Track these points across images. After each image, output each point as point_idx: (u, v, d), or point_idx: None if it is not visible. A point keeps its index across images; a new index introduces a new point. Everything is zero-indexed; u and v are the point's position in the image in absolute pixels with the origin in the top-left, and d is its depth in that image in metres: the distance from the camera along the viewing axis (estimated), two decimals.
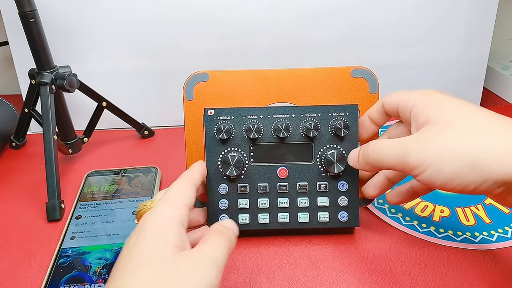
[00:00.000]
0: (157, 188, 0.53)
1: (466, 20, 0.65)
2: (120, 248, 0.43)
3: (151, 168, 0.56)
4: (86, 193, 0.52)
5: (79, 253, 0.43)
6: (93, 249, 0.44)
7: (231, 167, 0.43)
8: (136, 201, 0.50)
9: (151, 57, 0.64)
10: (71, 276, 0.41)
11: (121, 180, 0.54)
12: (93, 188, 0.53)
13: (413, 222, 0.47)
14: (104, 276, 0.41)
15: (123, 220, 0.48)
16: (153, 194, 0.51)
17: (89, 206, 0.50)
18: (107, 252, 0.43)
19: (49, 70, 0.54)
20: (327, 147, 0.44)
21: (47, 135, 0.52)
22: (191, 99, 0.47)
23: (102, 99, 0.60)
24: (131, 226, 0.46)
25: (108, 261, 0.42)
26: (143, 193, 0.51)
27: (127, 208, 0.49)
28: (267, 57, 0.65)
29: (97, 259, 0.43)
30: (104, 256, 0.43)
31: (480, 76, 0.69)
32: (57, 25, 0.61)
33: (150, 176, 0.54)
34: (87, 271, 0.41)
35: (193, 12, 0.62)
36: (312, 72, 0.47)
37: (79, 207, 0.50)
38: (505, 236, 0.45)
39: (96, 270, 0.41)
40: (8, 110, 0.64)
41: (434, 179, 0.33)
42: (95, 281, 0.40)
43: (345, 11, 0.63)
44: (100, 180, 0.54)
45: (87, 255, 0.43)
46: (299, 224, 0.44)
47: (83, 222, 0.47)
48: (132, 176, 0.54)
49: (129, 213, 0.48)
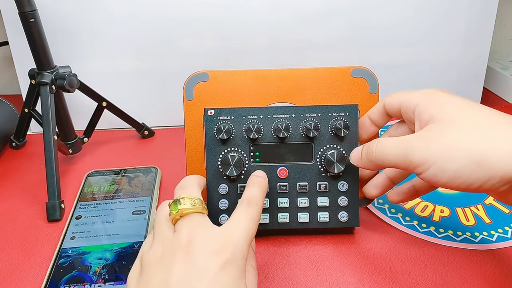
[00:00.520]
0: (157, 188, 0.53)
1: (466, 20, 0.65)
2: (120, 248, 0.43)
3: (151, 168, 0.56)
4: (86, 193, 0.52)
5: (79, 253, 0.43)
6: (93, 249, 0.44)
7: (231, 167, 0.43)
8: (136, 201, 0.50)
9: (151, 57, 0.64)
10: (71, 276, 0.41)
11: (121, 180, 0.54)
12: (93, 188, 0.52)
13: (413, 222, 0.47)
14: (104, 276, 0.40)
15: (123, 220, 0.47)
16: (153, 194, 0.51)
17: (89, 206, 0.50)
18: (107, 252, 0.43)
19: (49, 70, 0.54)
20: (327, 147, 0.44)
21: (47, 135, 0.52)
22: (191, 99, 0.47)
23: (102, 99, 0.60)
24: (131, 226, 0.46)
25: (108, 261, 0.42)
26: (143, 193, 0.51)
27: (127, 208, 0.49)
28: (267, 57, 0.65)
29: (97, 259, 0.43)
30: (104, 256, 0.43)
31: (480, 76, 0.69)
32: (57, 25, 0.61)
33: (150, 176, 0.54)
34: (87, 271, 0.41)
35: (193, 12, 0.62)
36: (312, 72, 0.47)
37: (79, 207, 0.50)
38: (505, 236, 0.45)
39: (96, 270, 0.41)
40: (8, 110, 0.64)
41: (438, 177, 0.33)
42: (95, 281, 0.40)
43: (345, 11, 0.63)
44: (100, 180, 0.54)
45: (87, 255, 0.43)
46: (299, 224, 0.44)
47: (83, 222, 0.47)
48: (132, 176, 0.54)
49: (129, 213, 0.48)
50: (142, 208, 0.49)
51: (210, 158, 0.44)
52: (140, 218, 0.48)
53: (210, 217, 0.44)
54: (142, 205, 0.49)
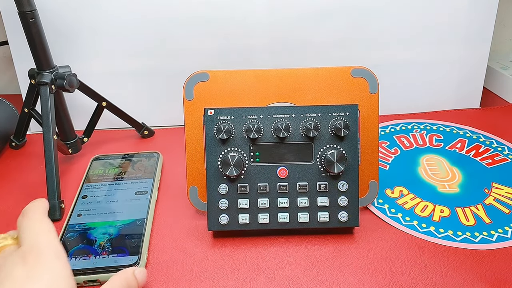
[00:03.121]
0: (159, 171, 0.55)
1: (466, 20, 0.65)
2: (123, 225, 0.47)
3: (154, 153, 0.58)
4: (92, 176, 0.55)
5: (85, 229, 0.46)
6: (98, 225, 0.47)
7: (231, 167, 0.43)
8: (138, 182, 0.53)
9: (151, 57, 0.64)
10: (78, 248, 0.44)
11: (125, 164, 0.57)
12: (99, 171, 0.56)
13: (413, 222, 0.47)
14: (108, 249, 0.44)
15: (126, 199, 0.50)
16: (155, 176, 0.54)
17: (95, 187, 0.53)
18: (111, 227, 0.46)
19: (49, 70, 0.54)
20: (327, 147, 0.44)
21: (47, 135, 0.52)
22: (191, 99, 0.47)
23: (102, 99, 0.60)
24: (134, 205, 0.50)
25: (112, 236, 0.45)
26: (146, 175, 0.54)
27: (130, 189, 0.52)
28: (267, 57, 0.65)
29: (101, 234, 0.46)
30: (108, 231, 0.46)
31: (480, 76, 0.69)
32: (57, 25, 0.61)
33: (153, 160, 0.57)
34: (93, 245, 0.44)
35: (193, 12, 0.62)
36: (312, 72, 0.47)
37: (85, 188, 0.53)
38: (505, 236, 0.45)
39: (101, 243, 0.44)
40: (8, 110, 0.64)
41: None
42: (100, 253, 0.43)
43: (345, 11, 0.63)
44: (105, 164, 0.57)
45: (92, 230, 0.46)
46: (299, 224, 0.44)
47: (89, 201, 0.50)
48: (136, 160, 0.57)
49: (132, 193, 0.51)
50: (144, 189, 0.52)
51: (210, 158, 0.44)
52: (142, 198, 0.50)
53: (210, 217, 0.44)
54: (144, 186, 0.52)
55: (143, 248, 0.43)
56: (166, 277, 0.41)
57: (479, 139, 0.61)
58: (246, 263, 0.43)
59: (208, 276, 0.41)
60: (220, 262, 0.43)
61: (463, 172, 0.55)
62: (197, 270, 0.42)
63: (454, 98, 0.69)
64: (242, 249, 0.44)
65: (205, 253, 0.44)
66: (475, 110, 0.69)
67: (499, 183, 0.53)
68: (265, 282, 0.41)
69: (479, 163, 0.56)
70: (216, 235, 0.46)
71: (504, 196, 0.50)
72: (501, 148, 0.59)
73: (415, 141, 0.61)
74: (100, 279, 0.41)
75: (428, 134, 0.62)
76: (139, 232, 0.45)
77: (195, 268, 0.42)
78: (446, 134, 0.62)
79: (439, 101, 0.69)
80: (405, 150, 0.59)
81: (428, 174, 0.54)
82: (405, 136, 0.62)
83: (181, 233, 0.47)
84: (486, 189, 0.52)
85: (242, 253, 0.44)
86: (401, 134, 0.63)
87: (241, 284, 0.41)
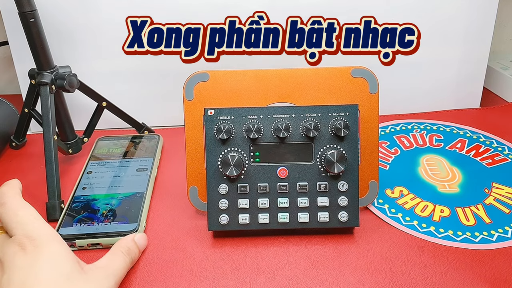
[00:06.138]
0: (159, 151, 0.60)
1: (466, 20, 0.65)
2: (124, 196, 0.50)
3: (155, 135, 0.63)
4: (96, 154, 0.59)
5: (89, 200, 0.50)
6: (101, 197, 0.51)
7: (231, 167, 0.43)
8: (140, 160, 0.57)
9: (151, 57, 0.64)
10: (82, 216, 0.48)
11: (128, 144, 0.61)
12: (103, 150, 0.60)
13: (413, 222, 0.47)
14: (110, 217, 0.47)
15: (128, 175, 0.54)
16: (155, 155, 0.58)
17: (99, 164, 0.57)
18: (113, 199, 0.50)
19: (49, 70, 0.54)
20: (327, 147, 0.44)
21: (47, 135, 0.52)
22: (191, 99, 0.47)
23: (102, 99, 0.60)
24: (135, 180, 0.53)
25: (114, 206, 0.49)
26: (147, 154, 0.58)
27: (132, 166, 0.56)
28: (267, 57, 0.65)
29: (104, 204, 0.49)
30: (110, 202, 0.50)
31: (480, 76, 0.69)
32: (57, 25, 0.61)
33: (153, 142, 0.61)
34: (96, 213, 0.48)
35: (193, 12, 0.62)
36: (312, 72, 0.47)
37: (90, 165, 0.57)
38: (505, 236, 0.45)
39: (104, 212, 0.48)
40: (8, 110, 0.64)
41: None
42: (102, 221, 0.47)
43: (345, 11, 0.63)
44: (109, 144, 0.61)
45: (96, 201, 0.50)
46: (299, 224, 0.44)
47: (93, 176, 0.54)
48: (138, 141, 0.61)
49: (134, 170, 0.55)
50: (145, 166, 0.56)
51: (210, 158, 0.44)
52: (143, 174, 0.54)
53: (210, 217, 0.44)
54: (145, 164, 0.56)
55: (142, 217, 0.47)
56: (166, 277, 0.41)
57: (479, 139, 0.61)
58: (246, 263, 0.43)
59: (208, 276, 0.41)
60: (220, 262, 0.43)
61: (463, 172, 0.55)
62: (197, 270, 0.42)
63: (454, 98, 0.69)
64: (242, 249, 0.44)
65: (205, 253, 0.44)
66: (475, 110, 0.69)
67: (499, 183, 0.53)
68: (265, 282, 0.41)
69: (479, 163, 0.56)
70: (216, 235, 0.46)
71: (504, 196, 0.50)
72: (501, 148, 0.59)
73: (415, 141, 0.61)
74: (102, 242, 0.45)
75: (428, 134, 0.62)
76: (139, 203, 0.49)
77: (195, 268, 0.42)
78: (446, 134, 0.62)
79: (439, 101, 0.69)
80: (405, 150, 0.59)
81: (428, 174, 0.54)
82: (405, 136, 0.62)
83: (181, 233, 0.47)
84: (486, 189, 0.52)
85: (242, 253, 0.44)
86: (401, 134, 0.63)
87: (241, 284, 0.41)
